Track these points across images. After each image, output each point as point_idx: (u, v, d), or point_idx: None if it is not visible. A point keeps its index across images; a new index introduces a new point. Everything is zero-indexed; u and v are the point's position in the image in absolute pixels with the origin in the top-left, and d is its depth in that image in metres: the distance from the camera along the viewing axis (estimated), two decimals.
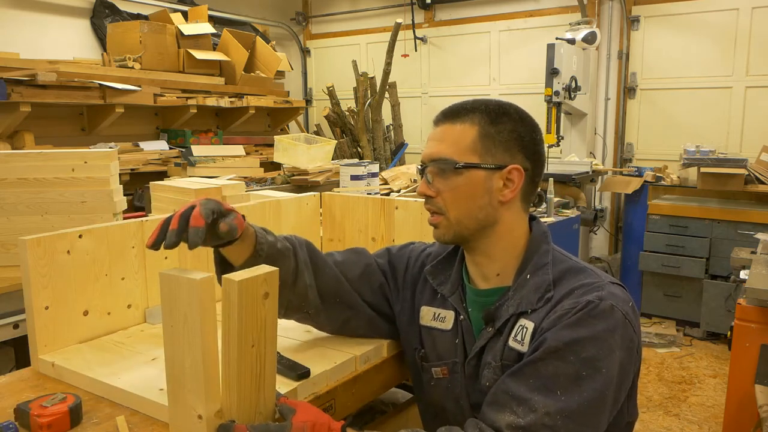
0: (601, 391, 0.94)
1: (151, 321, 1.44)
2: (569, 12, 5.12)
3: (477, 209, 1.07)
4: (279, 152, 4.09)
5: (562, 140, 4.37)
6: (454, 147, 1.07)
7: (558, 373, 0.93)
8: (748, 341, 2.17)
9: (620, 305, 0.99)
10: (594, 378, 0.93)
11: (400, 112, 5.66)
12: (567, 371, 0.93)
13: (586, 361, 0.93)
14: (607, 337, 0.96)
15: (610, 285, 1.03)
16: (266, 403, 0.96)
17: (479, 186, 1.06)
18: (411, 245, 1.32)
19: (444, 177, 1.07)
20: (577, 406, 0.91)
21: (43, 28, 4.47)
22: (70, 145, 3.74)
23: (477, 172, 1.06)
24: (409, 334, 1.24)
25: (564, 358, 0.94)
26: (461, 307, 1.15)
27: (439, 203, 1.09)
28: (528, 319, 1.04)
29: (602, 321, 0.96)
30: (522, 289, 1.07)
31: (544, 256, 1.09)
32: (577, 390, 0.92)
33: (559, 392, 0.92)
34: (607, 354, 0.95)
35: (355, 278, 1.23)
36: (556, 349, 0.95)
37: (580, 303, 0.98)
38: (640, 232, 4.56)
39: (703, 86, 4.71)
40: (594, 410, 0.93)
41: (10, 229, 2.02)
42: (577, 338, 0.95)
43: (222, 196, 1.94)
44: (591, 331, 0.95)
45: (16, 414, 1.00)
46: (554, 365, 0.94)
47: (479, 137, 1.06)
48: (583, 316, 0.96)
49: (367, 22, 6.32)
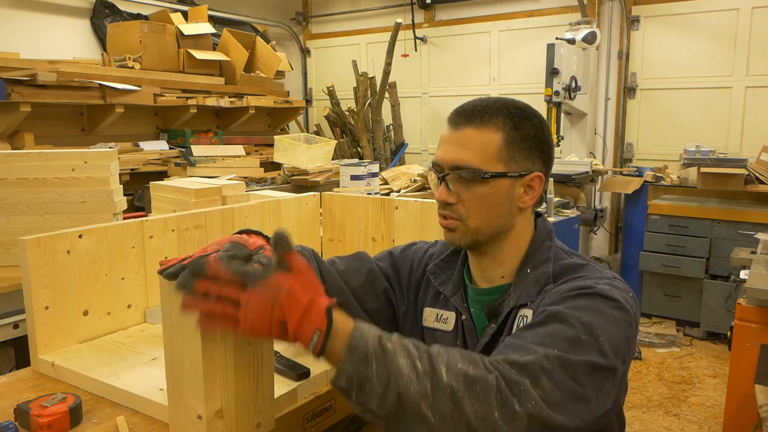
0: (601, 356, 0.90)
1: (151, 321, 1.44)
2: (569, 12, 5.12)
3: (497, 217, 1.05)
4: (279, 152, 4.09)
5: (562, 140, 4.37)
6: (480, 155, 1.02)
7: (557, 332, 0.90)
8: (748, 341, 2.17)
9: (621, 294, 0.97)
10: (592, 344, 0.90)
11: (400, 112, 5.66)
12: (566, 333, 0.90)
13: (586, 326, 0.90)
14: (607, 311, 0.93)
15: (611, 279, 1.02)
16: (265, 402, 0.96)
17: (503, 194, 1.04)
18: (413, 246, 1.31)
19: (467, 185, 1.03)
20: (575, 361, 0.88)
21: (43, 28, 4.47)
22: (70, 145, 3.74)
23: (502, 181, 1.03)
24: (411, 336, 1.23)
25: (564, 321, 0.91)
26: (462, 307, 1.15)
27: (459, 211, 1.05)
28: (527, 309, 1.04)
29: (602, 299, 0.95)
30: (522, 283, 1.07)
31: (545, 252, 1.09)
32: (575, 350, 0.89)
33: (557, 349, 0.88)
34: (605, 325, 0.92)
35: (358, 286, 1.22)
36: (555, 312, 0.93)
37: (578, 285, 0.98)
38: (640, 232, 4.56)
39: (703, 86, 4.71)
40: (593, 373, 0.89)
41: (10, 229, 2.02)
42: (578, 306, 0.93)
43: (222, 197, 1.94)
44: (591, 303, 0.94)
45: (16, 414, 1.00)
46: (553, 326, 0.91)
47: (505, 144, 1.03)
48: (582, 293, 0.96)
49: (367, 22, 6.32)
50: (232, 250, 0.90)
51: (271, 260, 0.89)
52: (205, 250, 0.93)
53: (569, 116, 4.80)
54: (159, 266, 0.90)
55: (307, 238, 1.90)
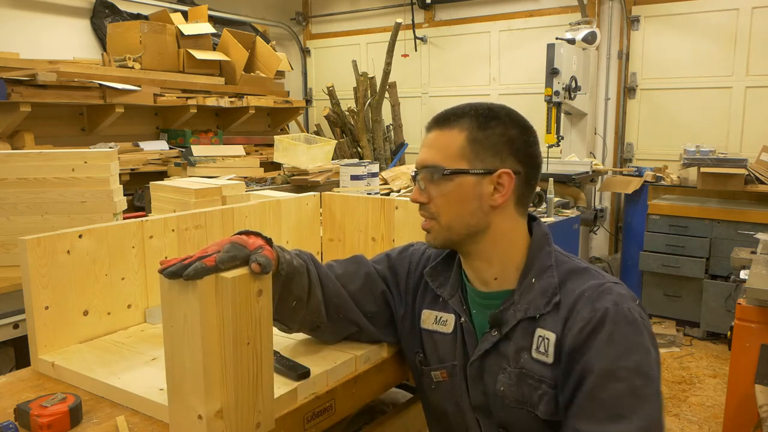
0: (657, 393, 0.95)
1: (151, 321, 1.44)
2: (569, 12, 5.12)
3: (467, 215, 1.08)
4: (279, 152, 4.09)
5: (562, 140, 4.37)
6: (443, 153, 1.07)
7: (617, 394, 0.94)
8: (748, 341, 2.17)
9: (633, 306, 1.00)
10: (648, 385, 0.94)
11: (400, 112, 5.66)
12: (623, 388, 0.93)
13: (634, 371, 0.94)
14: (640, 340, 0.97)
15: (614, 285, 1.03)
16: (265, 402, 0.96)
17: (469, 191, 1.06)
18: (411, 248, 1.31)
19: (434, 183, 1.08)
20: (648, 421, 0.92)
21: (43, 28, 4.47)
22: (70, 145, 3.74)
23: (466, 178, 1.06)
24: (410, 338, 1.23)
25: (615, 376, 0.94)
26: (461, 309, 1.14)
27: (431, 209, 1.10)
28: (545, 329, 1.04)
29: (628, 326, 0.97)
30: (528, 294, 1.07)
31: (546, 259, 1.09)
32: (640, 404, 0.93)
33: (627, 413, 0.92)
34: (646, 356, 0.96)
35: (356, 290, 1.22)
36: (604, 370, 0.95)
37: (598, 311, 0.98)
38: (640, 232, 4.56)
39: (703, 86, 4.71)
40: (659, 413, 0.95)
41: (10, 229, 2.02)
42: (618, 352, 0.95)
43: (222, 197, 1.94)
44: (624, 340, 0.96)
45: (16, 414, 1.00)
46: (610, 387, 0.94)
47: (468, 142, 1.06)
48: (609, 328, 0.97)
49: (367, 22, 6.32)
50: (232, 251, 0.92)
51: (269, 260, 0.93)
52: (205, 251, 0.93)
53: (569, 116, 4.80)
54: (159, 266, 0.90)
55: (307, 238, 1.90)
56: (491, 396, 1.09)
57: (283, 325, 1.16)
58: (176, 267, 0.88)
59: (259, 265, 0.91)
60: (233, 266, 0.91)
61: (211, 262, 0.89)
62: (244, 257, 0.93)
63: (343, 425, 1.30)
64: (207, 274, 0.88)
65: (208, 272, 0.88)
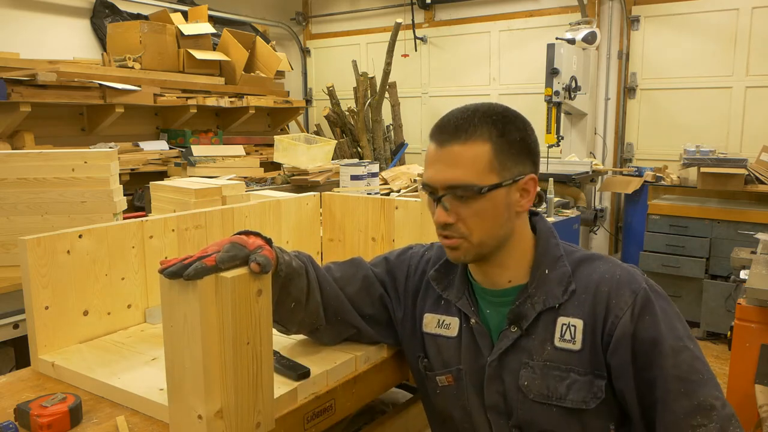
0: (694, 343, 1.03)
1: (151, 321, 1.44)
2: (569, 12, 5.12)
3: (498, 227, 1.05)
4: (279, 152, 4.09)
5: (562, 140, 4.37)
6: (472, 170, 1.00)
7: (689, 361, 0.99)
8: (748, 341, 2.17)
9: (652, 284, 1.07)
10: (695, 343, 1.02)
11: (400, 112, 5.66)
12: (691, 355, 1.00)
13: (685, 336, 1.02)
14: (673, 309, 1.05)
15: (627, 266, 1.09)
16: (265, 402, 0.96)
17: (500, 203, 1.03)
18: (410, 250, 1.29)
19: (465, 203, 1.02)
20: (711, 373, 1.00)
21: (43, 28, 4.47)
22: (70, 145, 3.74)
23: (499, 191, 1.02)
24: (411, 343, 1.22)
25: (680, 345, 1.00)
26: (470, 310, 1.12)
27: (461, 229, 1.03)
28: (568, 317, 1.04)
29: (663, 299, 1.05)
30: (544, 285, 1.07)
31: (556, 250, 1.10)
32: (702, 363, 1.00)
33: (702, 373, 0.99)
34: (682, 320, 1.05)
35: (354, 293, 1.21)
36: (669, 347, 1.00)
37: (638, 292, 1.03)
38: (640, 232, 4.56)
39: (703, 86, 4.71)
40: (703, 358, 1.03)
41: (10, 229, 2.02)
42: (670, 326, 1.01)
43: (222, 197, 1.94)
44: (669, 312, 1.04)
45: (16, 414, 1.00)
46: (680, 358, 0.99)
47: (494, 154, 1.01)
48: (655, 306, 1.03)
49: (367, 22, 6.32)
50: (232, 251, 0.92)
51: (269, 259, 0.93)
52: (205, 251, 0.93)
53: (569, 116, 4.80)
54: (159, 266, 0.90)
55: (307, 239, 1.90)
56: (511, 393, 1.07)
57: (282, 327, 1.16)
58: (176, 267, 0.88)
59: (258, 264, 0.91)
60: (233, 266, 0.91)
61: (211, 262, 0.89)
62: (243, 257, 0.93)
63: (343, 425, 1.30)
64: (207, 274, 0.87)
65: (208, 272, 0.88)
